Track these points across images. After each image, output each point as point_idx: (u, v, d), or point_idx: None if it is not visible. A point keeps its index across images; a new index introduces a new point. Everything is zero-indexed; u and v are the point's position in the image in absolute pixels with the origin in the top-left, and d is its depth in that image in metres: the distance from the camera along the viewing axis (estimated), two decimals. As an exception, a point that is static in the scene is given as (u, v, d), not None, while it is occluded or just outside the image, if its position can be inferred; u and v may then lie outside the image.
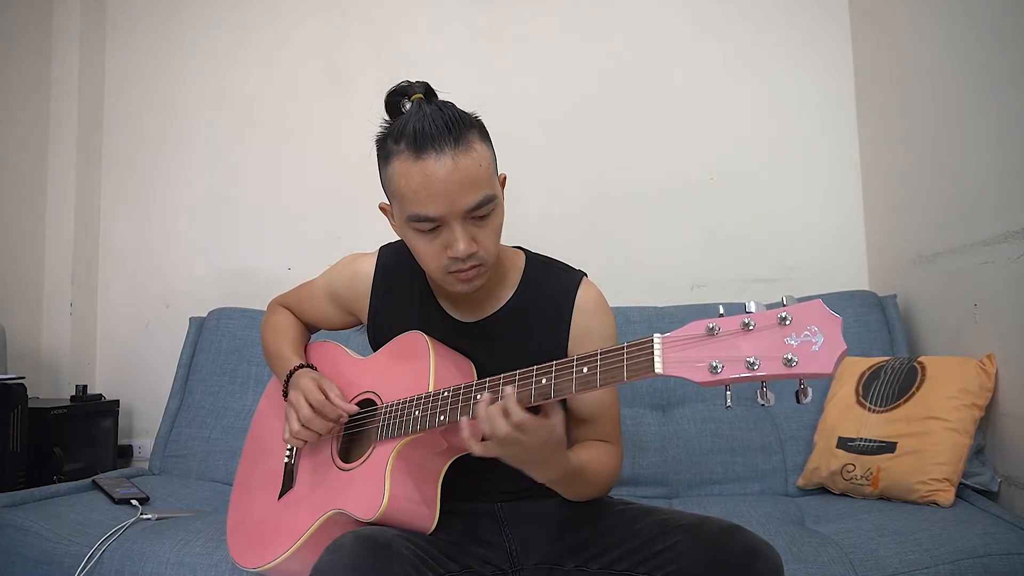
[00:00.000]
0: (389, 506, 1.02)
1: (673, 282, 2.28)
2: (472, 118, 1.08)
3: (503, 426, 0.92)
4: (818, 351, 0.74)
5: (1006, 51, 1.50)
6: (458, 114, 1.05)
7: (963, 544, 1.25)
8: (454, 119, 1.03)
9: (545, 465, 0.99)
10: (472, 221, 1.05)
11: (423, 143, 1.01)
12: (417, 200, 1.03)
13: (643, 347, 0.85)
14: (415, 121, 1.03)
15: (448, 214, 1.03)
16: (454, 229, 1.04)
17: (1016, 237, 1.47)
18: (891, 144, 2.06)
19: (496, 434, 0.92)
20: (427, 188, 1.02)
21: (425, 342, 1.14)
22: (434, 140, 1.01)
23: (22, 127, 2.50)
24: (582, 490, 1.11)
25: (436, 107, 1.05)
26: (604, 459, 1.14)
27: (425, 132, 1.01)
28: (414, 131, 1.02)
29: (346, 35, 2.56)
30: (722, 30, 2.34)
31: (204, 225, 2.60)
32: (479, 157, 1.04)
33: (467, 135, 1.03)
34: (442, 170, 1.01)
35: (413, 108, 1.06)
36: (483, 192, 1.04)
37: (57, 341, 2.54)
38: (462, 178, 1.01)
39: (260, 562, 1.16)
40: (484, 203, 1.04)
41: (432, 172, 1.01)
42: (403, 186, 1.04)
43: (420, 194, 1.02)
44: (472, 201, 1.03)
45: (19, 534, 1.51)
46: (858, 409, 1.66)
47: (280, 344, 1.33)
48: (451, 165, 1.01)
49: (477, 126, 1.07)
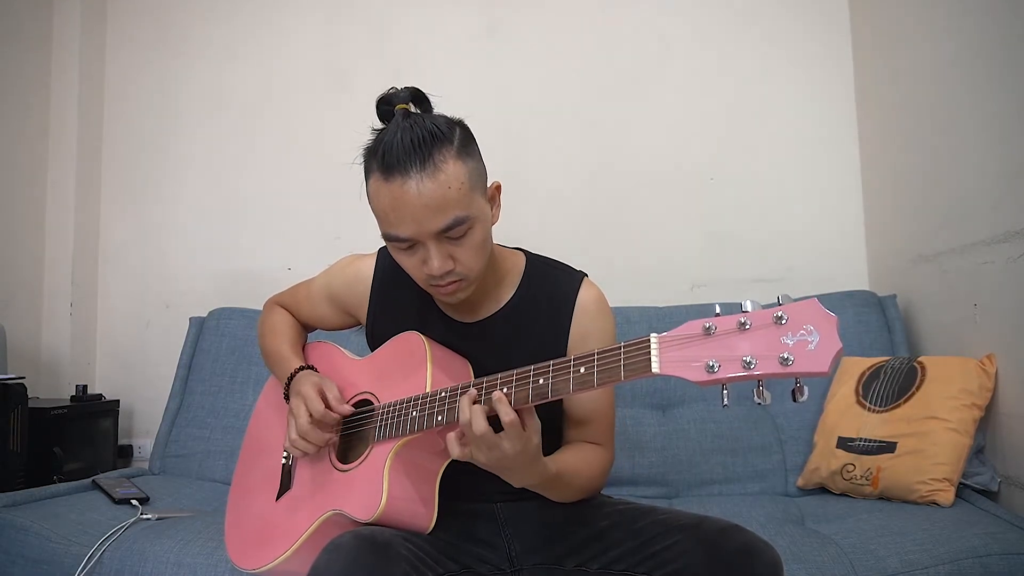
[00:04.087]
0: (387, 506, 1.02)
1: (673, 282, 2.28)
2: (451, 132, 1.04)
3: (481, 423, 0.92)
4: (814, 350, 0.74)
5: (1006, 51, 1.50)
6: (429, 132, 1.00)
7: (963, 544, 1.25)
8: (423, 138, 1.00)
9: (522, 471, 0.98)
10: (447, 240, 1.03)
11: (390, 164, 1.00)
12: (388, 221, 1.02)
13: (640, 347, 0.85)
14: (387, 139, 1.01)
15: (418, 235, 1.02)
16: (428, 248, 1.03)
17: (1016, 237, 1.46)
18: (891, 144, 2.06)
19: (474, 431, 0.92)
20: (395, 211, 1.01)
21: (422, 342, 1.14)
22: (400, 162, 0.99)
23: (22, 127, 2.51)
24: (561, 493, 1.11)
25: (410, 123, 1.01)
26: (589, 462, 1.14)
27: (392, 153, 0.99)
28: (383, 151, 1.00)
29: (346, 35, 2.56)
30: (722, 30, 2.33)
31: (204, 225, 2.60)
32: (448, 179, 1.00)
33: (436, 155, 1.00)
34: (408, 194, 0.99)
35: (392, 122, 1.04)
36: (452, 215, 1.01)
37: (57, 341, 2.55)
38: (427, 202, 0.99)
39: (259, 563, 1.16)
40: (454, 225, 1.01)
41: (398, 196, 1.00)
42: (376, 205, 1.04)
43: (390, 216, 1.02)
44: (440, 224, 1.01)
45: (19, 534, 1.51)
46: (858, 409, 1.65)
47: (279, 344, 1.33)
48: (416, 190, 0.99)
49: (454, 140, 1.03)
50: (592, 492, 1.17)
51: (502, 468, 0.97)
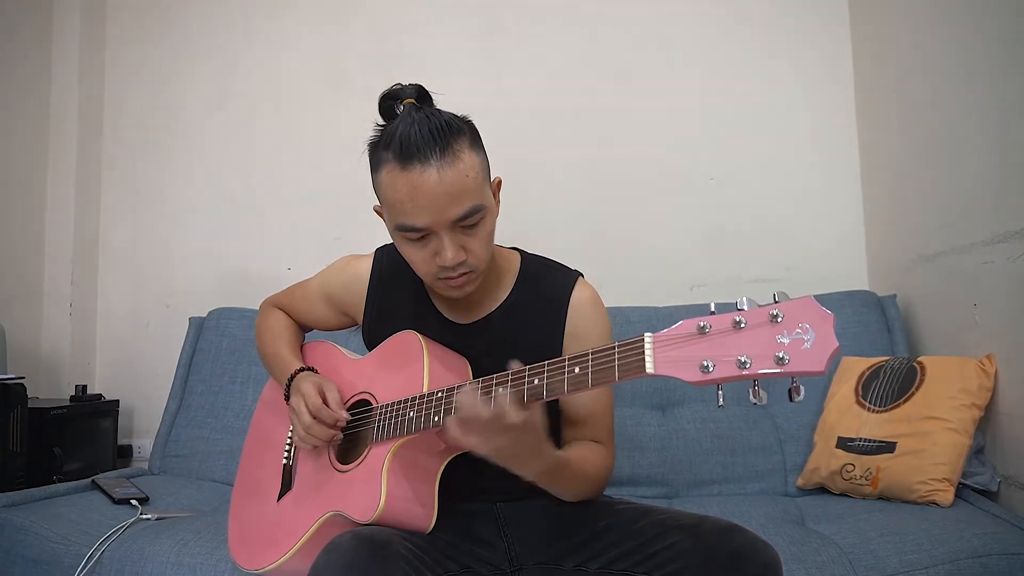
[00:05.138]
0: (386, 507, 1.02)
1: (673, 282, 2.28)
2: (462, 124, 1.06)
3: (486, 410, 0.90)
4: (810, 348, 0.73)
5: (1006, 51, 1.49)
6: (446, 122, 1.03)
7: (963, 544, 1.25)
8: (441, 128, 1.01)
9: (530, 456, 0.97)
10: (461, 230, 1.04)
11: (409, 153, 1.00)
12: (404, 210, 1.02)
13: (634, 347, 0.84)
14: (402, 129, 1.01)
15: (435, 224, 1.02)
16: (442, 238, 1.03)
17: (1016, 237, 1.46)
18: (891, 144, 2.05)
19: (480, 416, 0.90)
20: (413, 199, 1.01)
21: (419, 342, 1.14)
22: (420, 150, 1.00)
23: (22, 127, 2.50)
24: (571, 486, 1.10)
25: (424, 115, 1.03)
26: (593, 458, 1.14)
27: (411, 142, 1.00)
28: (400, 140, 1.01)
29: (347, 35, 2.56)
30: (722, 30, 2.33)
31: (204, 225, 2.60)
32: (466, 167, 1.02)
33: (454, 144, 1.02)
34: (427, 182, 1.00)
35: (403, 115, 1.05)
36: (470, 203, 1.03)
37: (57, 341, 2.54)
38: (448, 189, 1.00)
39: (261, 564, 1.16)
40: (471, 213, 1.03)
41: (418, 183, 1.00)
42: (390, 195, 1.04)
43: (407, 205, 1.02)
44: (459, 212, 1.02)
45: (19, 534, 1.51)
46: (858, 409, 1.65)
47: (277, 346, 1.33)
48: (436, 177, 1.00)
49: (467, 132, 1.06)
50: (598, 490, 1.17)
51: (510, 455, 0.95)
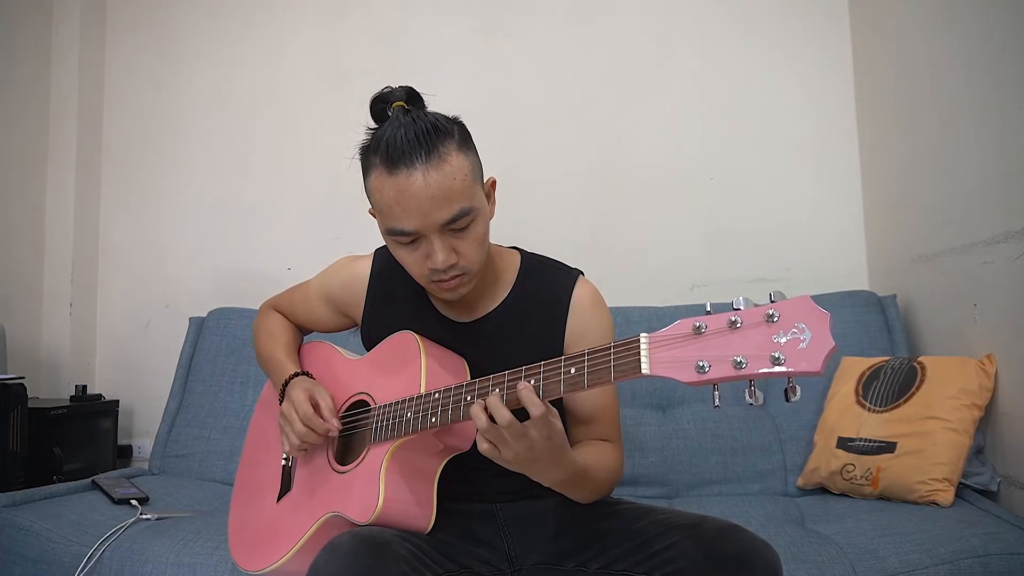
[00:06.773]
0: (384, 508, 1.02)
1: (673, 282, 2.28)
2: (450, 126, 1.05)
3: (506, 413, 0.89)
4: (806, 348, 0.72)
5: (1006, 51, 1.49)
6: (432, 124, 1.02)
7: (963, 544, 1.25)
8: (427, 131, 1.01)
9: (552, 463, 0.96)
10: (450, 232, 1.04)
11: (395, 158, 1.00)
12: (393, 215, 1.02)
13: (630, 347, 0.84)
14: (389, 134, 1.01)
15: (423, 228, 1.02)
16: (432, 242, 1.03)
17: (1016, 237, 1.46)
18: (891, 144, 2.05)
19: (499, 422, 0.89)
20: (400, 204, 1.01)
21: (416, 342, 1.14)
22: (405, 155, 1.00)
23: (22, 127, 2.51)
24: (588, 490, 1.09)
25: (411, 118, 1.03)
26: (606, 458, 1.13)
27: (397, 146, 1.00)
28: (387, 145, 1.01)
29: (346, 35, 2.56)
30: (722, 30, 2.33)
31: (204, 225, 2.60)
32: (453, 170, 1.01)
33: (441, 147, 1.01)
34: (413, 186, 1.00)
35: (391, 119, 1.05)
36: (458, 206, 1.02)
37: (57, 341, 2.54)
38: (434, 193, 1.00)
39: (261, 565, 1.16)
40: (459, 216, 1.02)
41: (404, 188, 1.00)
42: (379, 200, 1.04)
43: (395, 209, 1.02)
44: (446, 216, 1.01)
45: (19, 534, 1.50)
46: (858, 409, 1.65)
47: (274, 349, 1.33)
48: (422, 181, 0.99)
49: (455, 134, 1.05)
50: (612, 487, 1.16)
51: (531, 461, 0.94)
